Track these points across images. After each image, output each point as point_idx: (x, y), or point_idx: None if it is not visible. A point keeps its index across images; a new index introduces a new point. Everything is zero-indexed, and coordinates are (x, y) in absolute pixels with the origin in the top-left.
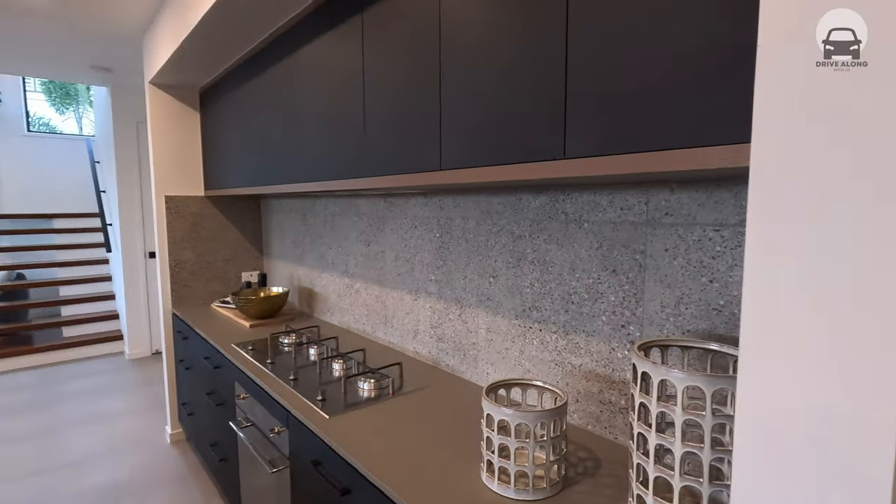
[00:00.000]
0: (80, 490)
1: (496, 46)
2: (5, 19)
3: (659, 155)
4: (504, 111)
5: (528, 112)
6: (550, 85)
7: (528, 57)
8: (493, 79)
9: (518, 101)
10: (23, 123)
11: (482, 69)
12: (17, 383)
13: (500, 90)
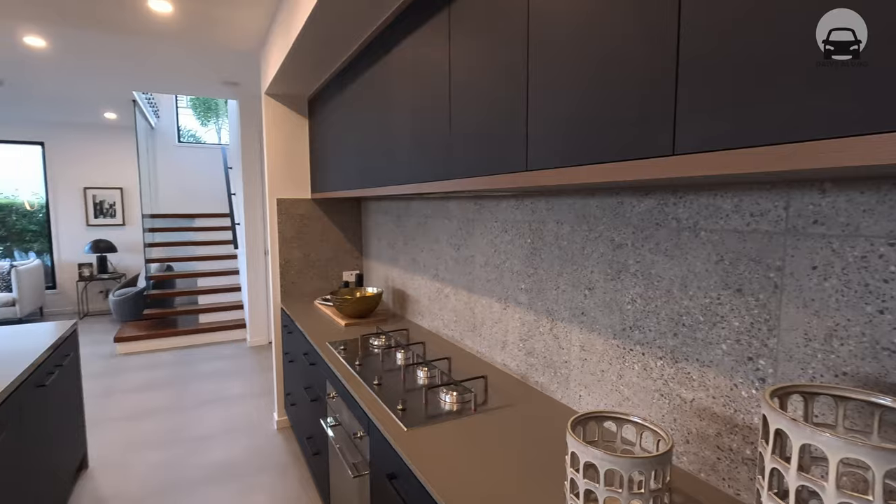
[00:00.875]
0: (201, 463)
1: (591, 31)
2: (155, 47)
3: (811, 146)
4: (599, 102)
5: (630, 101)
6: (656, 68)
7: (630, 39)
8: (587, 68)
9: (616, 91)
10: (175, 135)
11: (574, 58)
12: (161, 361)
13: (594, 80)
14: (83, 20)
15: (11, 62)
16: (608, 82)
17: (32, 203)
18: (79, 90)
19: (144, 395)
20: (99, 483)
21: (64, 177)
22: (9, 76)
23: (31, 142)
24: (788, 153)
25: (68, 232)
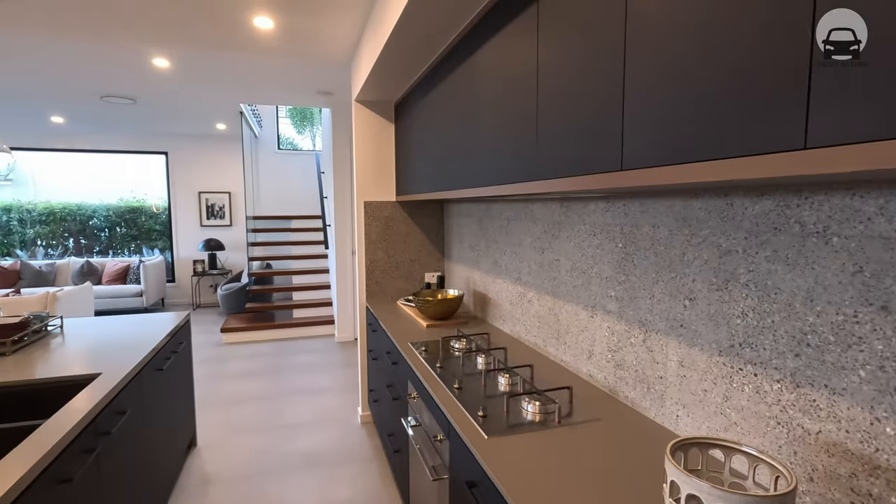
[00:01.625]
0: (291, 450)
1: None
2: (258, 62)
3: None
4: (712, 92)
5: (749, 89)
6: (785, 44)
7: (748, 13)
8: (696, 51)
9: (732, 79)
10: (275, 143)
11: (680, 43)
12: (260, 351)
13: (705, 65)
14: (200, 41)
15: (143, 82)
16: (722, 67)
17: (158, 206)
18: (195, 104)
19: (245, 382)
20: (205, 461)
21: (182, 182)
22: (141, 95)
23: (156, 152)
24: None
25: (185, 231)
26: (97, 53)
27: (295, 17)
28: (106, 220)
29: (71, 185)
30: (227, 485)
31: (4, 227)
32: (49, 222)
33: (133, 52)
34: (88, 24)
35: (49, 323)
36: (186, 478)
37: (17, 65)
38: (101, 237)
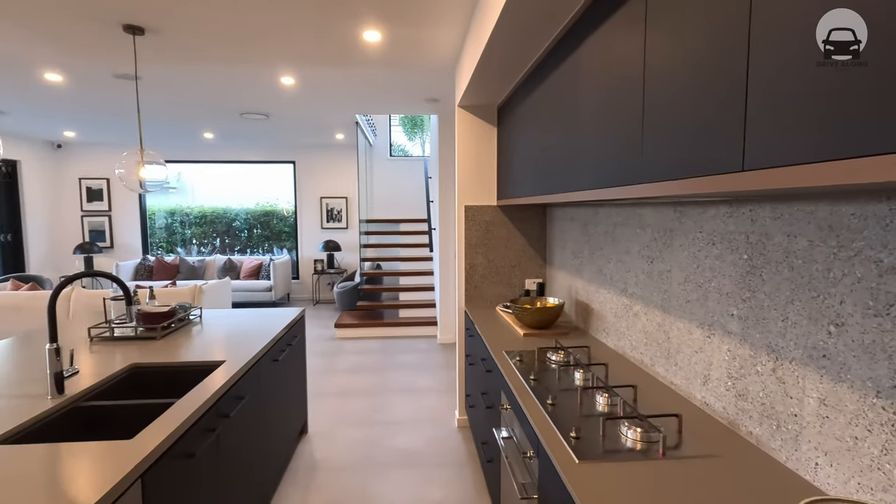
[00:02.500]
0: (390, 446)
1: None
2: (370, 74)
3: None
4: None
5: None
6: None
7: None
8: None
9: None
10: (387, 150)
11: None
12: (368, 348)
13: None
14: (318, 58)
15: (274, 99)
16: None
17: (287, 210)
18: (317, 117)
19: (353, 376)
20: (314, 448)
21: (307, 189)
22: (272, 110)
23: (286, 161)
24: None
25: (308, 233)
26: (237, 77)
27: (400, 28)
28: (245, 223)
29: (219, 192)
30: (332, 472)
31: (169, 228)
32: (202, 224)
33: (265, 73)
34: (227, 54)
35: (191, 313)
36: (298, 462)
37: (177, 91)
38: (242, 237)
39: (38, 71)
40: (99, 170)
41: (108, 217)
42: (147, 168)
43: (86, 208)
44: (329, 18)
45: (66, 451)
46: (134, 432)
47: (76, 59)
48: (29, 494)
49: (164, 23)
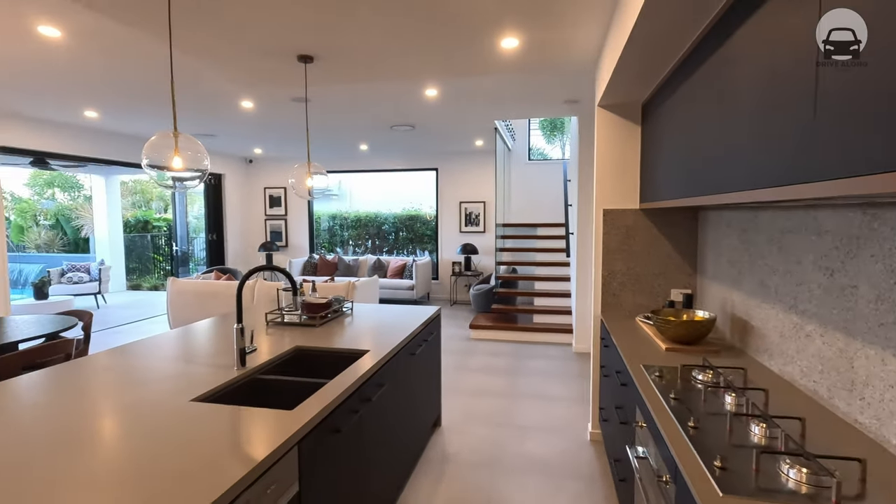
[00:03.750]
0: (520, 451)
1: None
2: (509, 80)
3: None
4: None
5: None
6: None
7: None
8: None
9: None
10: (525, 154)
11: None
12: (501, 350)
13: None
14: (458, 69)
15: (419, 110)
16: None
17: (430, 214)
18: (458, 125)
19: (485, 377)
20: (446, 441)
21: (448, 194)
22: (417, 121)
23: (429, 168)
24: None
25: (448, 236)
26: (388, 92)
27: (537, 32)
28: (393, 226)
29: (371, 198)
30: (462, 467)
31: (330, 231)
32: (357, 227)
33: (411, 87)
34: (380, 73)
35: (344, 305)
36: (431, 452)
37: (338, 109)
38: (389, 239)
39: (236, 100)
40: (278, 180)
41: (284, 221)
42: (313, 178)
43: (268, 213)
44: (469, 31)
45: (245, 413)
46: (291, 404)
47: (263, 88)
48: (218, 443)
49: (329, 51)
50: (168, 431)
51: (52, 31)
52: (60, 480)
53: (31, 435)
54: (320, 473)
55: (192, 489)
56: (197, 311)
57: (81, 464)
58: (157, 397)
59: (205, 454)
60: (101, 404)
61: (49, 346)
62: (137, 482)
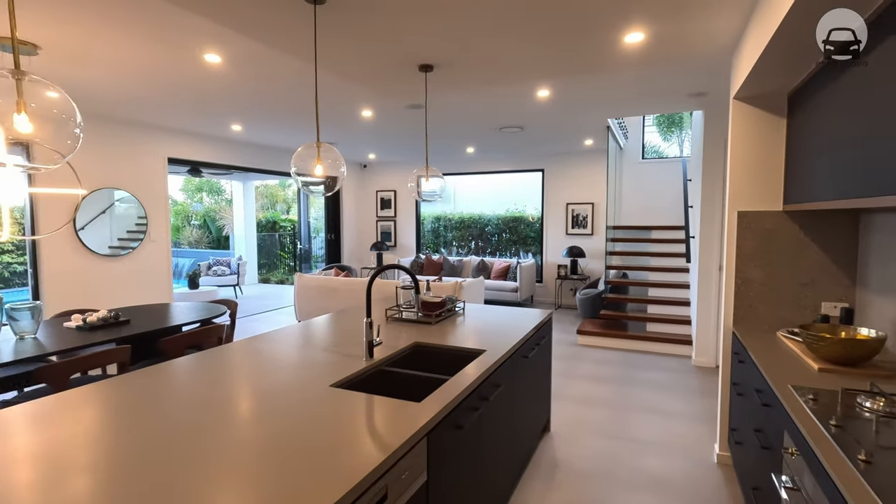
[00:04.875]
0: (635, 466)
1: None
2: (626, 76)
3: None
4: None
5: None
6: None
7: None
8: None
9: None
10: (639, 153)
11: None
12: (610, 359)
13: None
14: (574, 69)
15: (528, 112)
16: None
17: (533, 216)
18: (568, 125)
19: (595, 385)
20: (556, 447)
21: (554, 195)
22: (526, 122)
23: (535, 169)
24: None
25: (553, 239)
26: (499, 96)
27: (668, 24)
28: (496, 228)
29: (475, 200)
30: (572, 476)
31: (435, 232)
32: (460, 228)
33: (523, 89)
34: (493, 77)
35: (457, 305)
36: (540, 456)
37: (450, 114)
38: (492, 241)
39: (358, 110)
40: (389, 183)
41: (393, 222)
42: (430, 181)
43: (379, 215)
44: (591, 29)
45: (376, 401)
46: (414, 397)
47: (382, 97)
48: (358, 426)
49: (449, 59)
50: (315, 411)
51: (214, 58)
52: (220, 447)
53: (197, 408)
54: (445, 465)
55: (340, 465)
56: (319, 304)
57: (240, 434)
58: (302, 381)
59: (348, 435)
60: (254, 383)
61: (205, 330)
62: (291, 455)
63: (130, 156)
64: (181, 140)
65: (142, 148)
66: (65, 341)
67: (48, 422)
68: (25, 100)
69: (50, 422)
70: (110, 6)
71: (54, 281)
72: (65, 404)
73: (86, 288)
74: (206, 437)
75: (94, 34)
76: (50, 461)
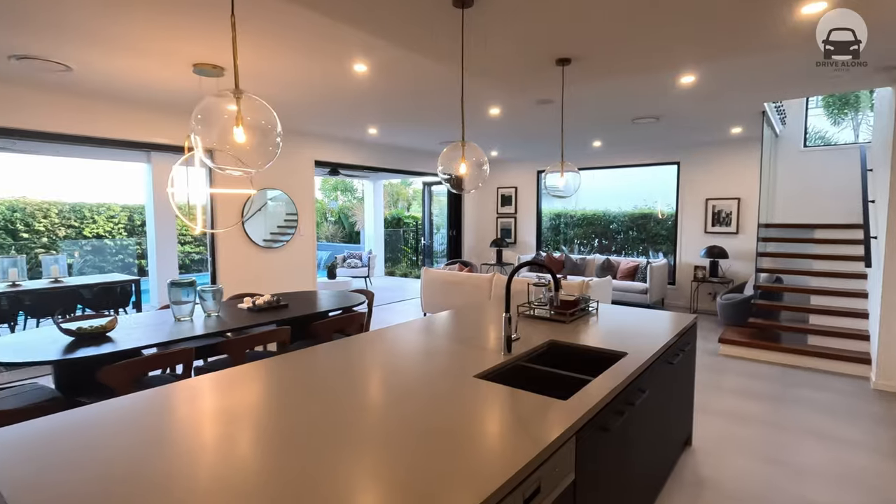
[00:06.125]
0: (798, 495)
1: None
2: (791, 55)
3: None
4: None
5: None
6: None
7: None
8: None
9: None
10: (800, 140)
11: None
12: (760, 372)
13: None
14: (729, 50)
15: (667, 101)
16: None
17: (663, 212)
18: (713, 113)
19: (743, 400)
20: (699, 463)
21: (691, 190)
22: (664, 112)
23: (669, 162)
24: None
25: (689, 237)
26: (636, 86)
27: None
28: (621, 225)
29: (598, 196)
30: (722, 497)
31: (555, 229)
32: (582, 225)
33: (663, 77)
34: (631, 66)
35: (590, 304)
36: (682, 471)
37: (581, 108)
38: (617, 239)
39: (485, 107)
40: (510, 180)
41: (513, 219)
42: (566, 176)
43: (499, 211)
44: (755, 3)
45: (521, 394)
46: (553, 394)
47: (512, 94)
48: (505, 416)
49: (588, 51)
50: (464, 399)
51: (361, 67)
52: (383, 426)
53: (354, 388)
54: (591, 466)
55: (496, 452)
56: (443, 297)
57: (396, 414)
58: (446, 370)
59: (499, 424)
60: (402, 368)
61: (348, 317)
62: (449, 438)
63: (285, 159)
64: (325, 144)
65: (294, 152)
66: (240, 320)
67: (231, 388)
68: (242, 114)
69: (232, 388)
70: (278, 28)
71: (227, 267)
72: (244, 375)
73: (248, 274)
74: (367, 415)
75: (266, 55)
76: (232, 418)
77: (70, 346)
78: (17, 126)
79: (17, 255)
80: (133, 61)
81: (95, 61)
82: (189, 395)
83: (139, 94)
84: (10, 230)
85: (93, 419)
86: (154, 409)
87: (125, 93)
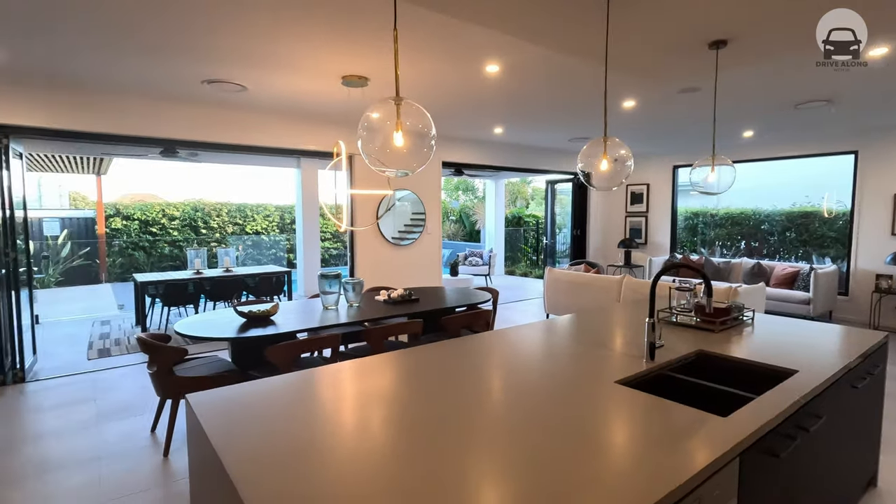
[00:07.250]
0: None
1: None
2: None
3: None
4: None
5: None
6: None
7: None
8: None
9: None
10: None
11: None
12: None
13: None
14: None
15: (845, 79)
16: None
17: (830, 210)
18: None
19: None
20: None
21: (872, 184)
22: (837, 93)
23: (843, 152)
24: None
25: (868, 240)
26: (803, 65)
27: None
28: (775, 225)
29: (744, 192)
30: None
31: (692, 229)
32: (726, 225)
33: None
34: (797, 42)
35: (744, 313)
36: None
37: (732, 95)
38: (770, 241)
39: (618, 100)
40: (641, 177)
41: (644, 218)
42: (717, 170)
43: (629, 210)
44: None
45: (668, 405)
46: (703, 408)
47: (651, 85)
48: (654, 427)
49: (748, 28)
50: (608, 406)
51: (493, 68)
52: (527, 425)
53: (490, 385)
54: (755, 494)
55: (650, 465)
56: (568, 299)
57: (537, 415)
58: (585, 374)
59: (649, 435)
60: (540, 370)
61: (475, 314)
62: (596, 443)
63: None
64: (451, 145)
65: None
66: (377, 311)
67: (372, 374)
68: (402, 120)
69: (373, 375)
70: (417, 35)
71: (363, 262)
72: (385, 363)
73: (381, 268)
74: (504, 411)
75: (408, 61)
76: (378, 401)
77: (242, 327)
78: (204, 139)
79: (199, 247)
80: (290, 77)
81: (263, 79)
82: (337, 378)
83: (292, 105)
84: (193, 227)
85: (265, 391)
86: (309, 387)
87: (281, 105)
